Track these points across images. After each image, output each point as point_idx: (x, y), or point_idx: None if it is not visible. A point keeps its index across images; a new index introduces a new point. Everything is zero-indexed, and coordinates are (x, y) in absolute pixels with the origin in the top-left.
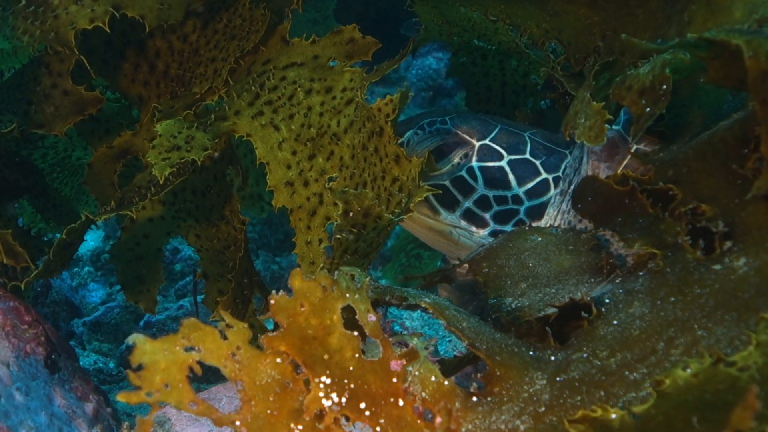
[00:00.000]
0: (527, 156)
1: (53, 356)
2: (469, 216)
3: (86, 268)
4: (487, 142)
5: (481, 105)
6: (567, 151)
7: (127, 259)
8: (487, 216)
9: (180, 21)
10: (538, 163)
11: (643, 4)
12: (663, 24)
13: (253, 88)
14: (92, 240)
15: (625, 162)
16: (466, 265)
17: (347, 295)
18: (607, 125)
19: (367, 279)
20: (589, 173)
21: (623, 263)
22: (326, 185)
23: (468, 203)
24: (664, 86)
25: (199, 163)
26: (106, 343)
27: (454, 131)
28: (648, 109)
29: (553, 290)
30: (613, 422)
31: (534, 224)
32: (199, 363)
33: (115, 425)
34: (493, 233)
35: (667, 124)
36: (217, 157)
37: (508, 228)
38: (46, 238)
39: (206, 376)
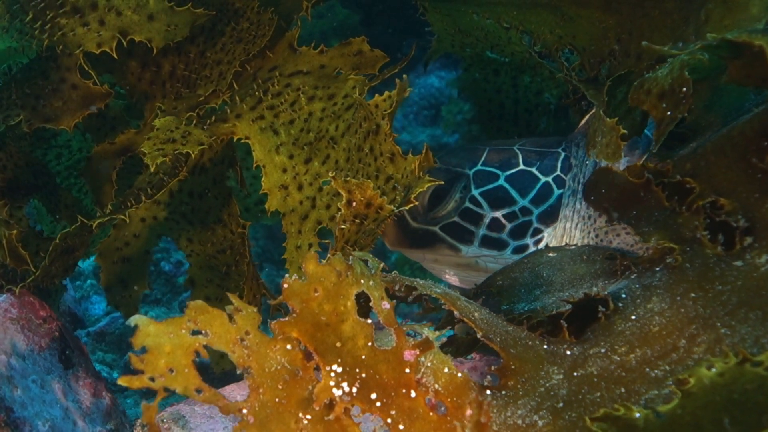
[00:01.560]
0: (522, 167)
1: (67, 352)
2: (488, 242)
3: (89, 281)
4: (479, 167)
5: (493, 122)
6: (559, 149)
7: (113, 259)
8: (503, 236)
9: None
10: (533, 169)
11: (658, 4)
12: (680, 24)
13: (257, 93)
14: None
15: (645, 156)
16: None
17: (362, 281)
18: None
19: (381, 265)
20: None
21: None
22: (326, 180)
23: (482, 231)
24: (684, 89)
25: (193, 155)
26: (110, 354)
27: (445, 168)
28: (669, 113)
29: (566, 294)
30: (637, 421)
31: (551, 227)
32: (206, 349)
33: (128, 423)
34: (516, 250)
35: (689, 125)
36: (217, 160)
37: (528, 240)
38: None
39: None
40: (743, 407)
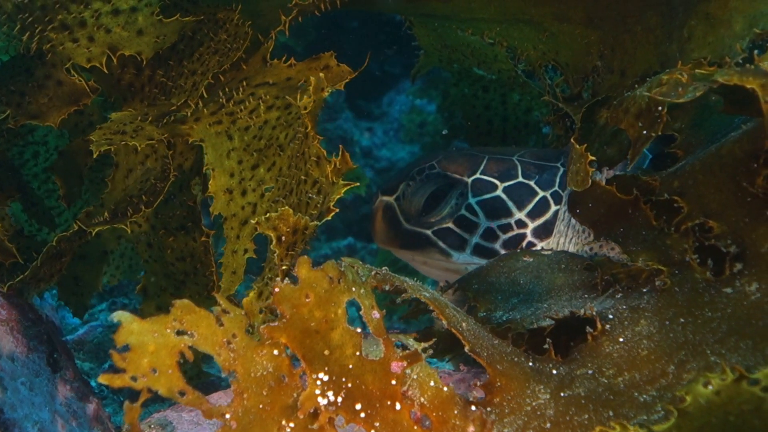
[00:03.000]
0: (520, 179)
1: (55, 355)
2: (480, 251)
3: None
4: (478, 176)
5: (480, 138)
6: (558, 164)
7: (70, 255)
8: (496, 246)
9: None
10: (532, 183)
11: (640, 21)
12: (663, 40)
13: (221, 99)
14: None
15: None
16: (453, 289)
17: (353, 288)
18: None
19: (373, 272)
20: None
21: (617, 280)
22: (269, 187)
23: (476, 239)
24: (660, 108)
25: (139, 148)
26: (88, 362)
27: (444, 174)
28: (645, 132)
29: (545, 305)
30: None
31: (544, 242)
32: (191, 351)
33: (114, 428)
34: None
35: (680, 145)
36: (185, 166)
37: None
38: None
39: None
40: (740, 430)
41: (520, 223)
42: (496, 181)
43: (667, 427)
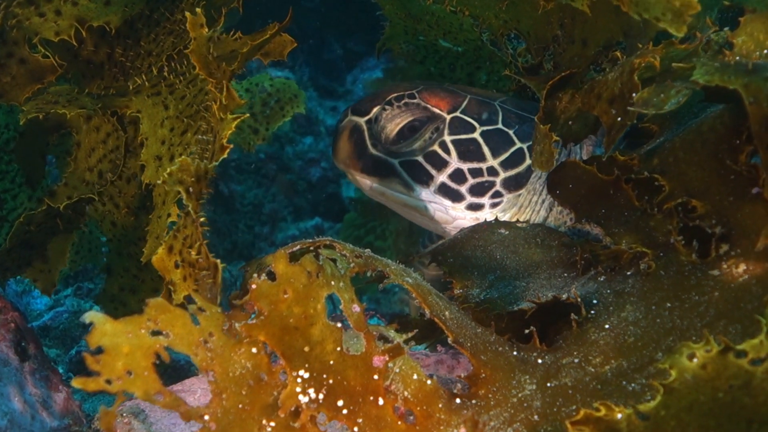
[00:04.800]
0: (500, 126)
1: (23, 344)
2: (445, 190)
3: None
4: (458, 114)
5: None
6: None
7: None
8: (462, 189)
9: None
10: (511, 132)
11: None
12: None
13: (165, 72)
14: None
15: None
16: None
17: (332, 282)
18: None
19: (351, 265)
20: (584, 158)
21: (597, 260)
22: (193, 151)
23: (443, 178)
24: (634, 94)
25: (68, 116)
26: (54, 349)
27: (423, 105)
28: (619, 119)
29: (524, 283)
30: (619, 423)
31: (512, 194)
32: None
33: (85, 418)
34: (471, 206)
35: (653, 119)
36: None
37: (485, 200)
38: None
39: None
40: (730, 412)
41: (492, 171)
42: (475, 123)
43: (654, 406)
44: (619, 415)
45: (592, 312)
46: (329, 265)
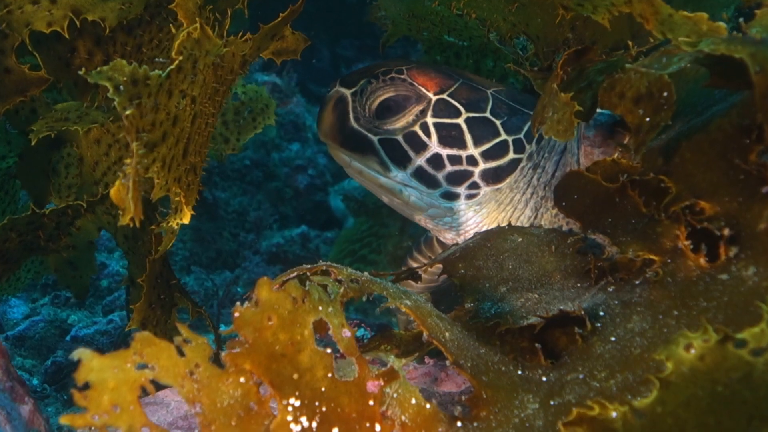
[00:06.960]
0: (487, 114)
1: None
2: (420, 175)
3: None
4: (444, 96)
5: None
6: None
7: (60, 246)
8: (439, 176)
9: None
10: (498, 123)
11: None
12: None
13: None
14: None
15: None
16: (438, 265)
17: (320, 307)
18: (598, 109)
19: (341, 290)
20: (582, 159)
21: (613, 267)
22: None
23: (420, 161)
24: (665, 93)
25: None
26: (30, 359)
27: (410, 82)
28: (648, 119)
29: (536, 295)
30: (615, 422)
31: (490, 188)
32: (153, 383)
33: (51, 431)
34: (446, 194)
35: None
36: None
37: (461, 190)
38: None
39: None
40: (729, 406)
41: (471, 160)
42: (461, 108)
43: (650, 402)
44: (614, 414)
45: (599, 324)
46: (317, 290)
